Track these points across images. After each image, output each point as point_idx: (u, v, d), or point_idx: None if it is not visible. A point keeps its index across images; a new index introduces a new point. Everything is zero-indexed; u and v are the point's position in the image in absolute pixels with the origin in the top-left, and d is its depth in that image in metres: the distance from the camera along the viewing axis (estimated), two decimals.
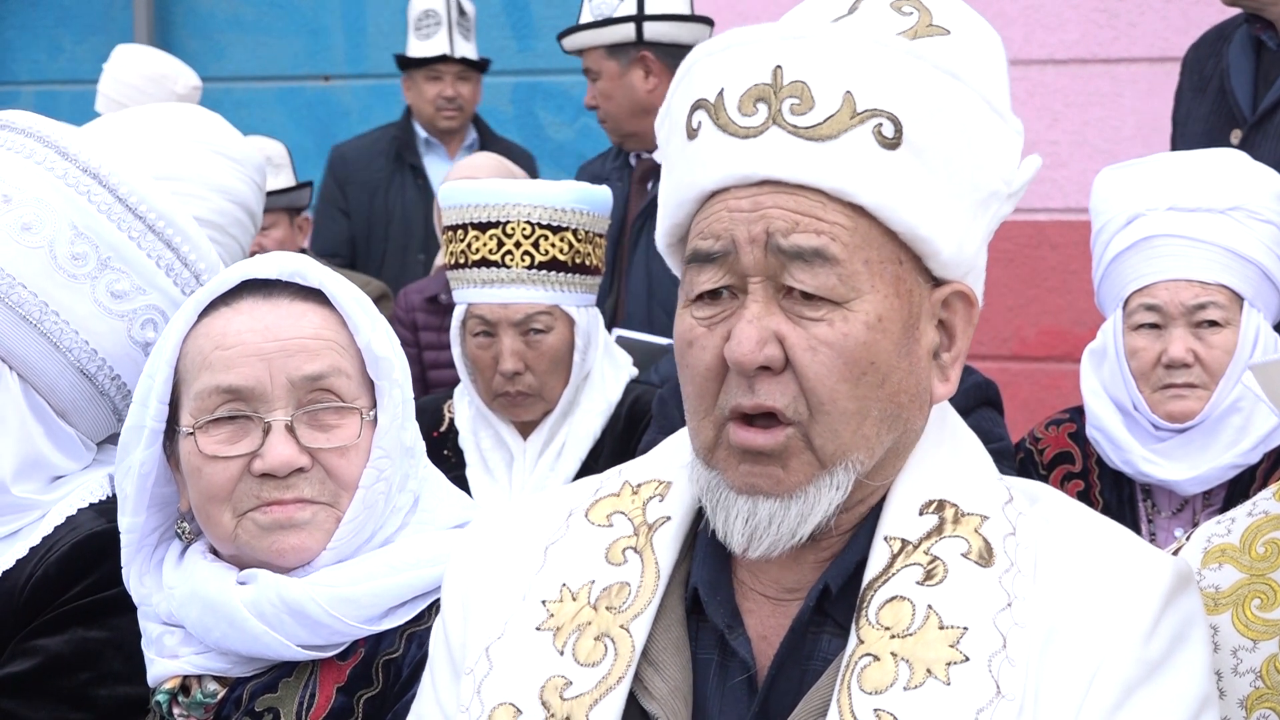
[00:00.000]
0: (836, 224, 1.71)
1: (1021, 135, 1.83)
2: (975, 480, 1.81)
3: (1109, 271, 3.53)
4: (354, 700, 2.13)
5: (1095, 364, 3.59)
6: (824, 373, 1.71)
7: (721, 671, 1.79)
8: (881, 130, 1.71)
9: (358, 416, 2.16)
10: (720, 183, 1.74)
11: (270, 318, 2.16)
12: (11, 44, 8.21)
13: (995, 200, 1.80)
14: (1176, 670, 1.72)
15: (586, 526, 1.88)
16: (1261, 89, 4.39)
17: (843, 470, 1.73)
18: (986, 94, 1.78)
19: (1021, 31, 6.26)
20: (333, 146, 6.85)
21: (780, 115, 1.72)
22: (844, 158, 1.71)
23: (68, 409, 2.39)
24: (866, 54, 1.73)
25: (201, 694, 2.18)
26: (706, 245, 1.74)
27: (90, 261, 2.35)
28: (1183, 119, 4.60)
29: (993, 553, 1.74)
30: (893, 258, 1.74)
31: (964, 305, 1.81)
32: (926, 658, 1.69)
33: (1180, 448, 3.46)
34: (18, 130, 2.41)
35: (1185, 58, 4.68)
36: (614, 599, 1.81)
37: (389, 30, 7.51)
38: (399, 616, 2.16)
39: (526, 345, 3.78)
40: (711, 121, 1.75)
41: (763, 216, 1.72)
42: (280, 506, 2.13)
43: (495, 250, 3.75)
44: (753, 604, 1.81)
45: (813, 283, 1.71)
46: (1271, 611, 1.98)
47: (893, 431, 1.76)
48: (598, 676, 1.77)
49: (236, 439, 2.14)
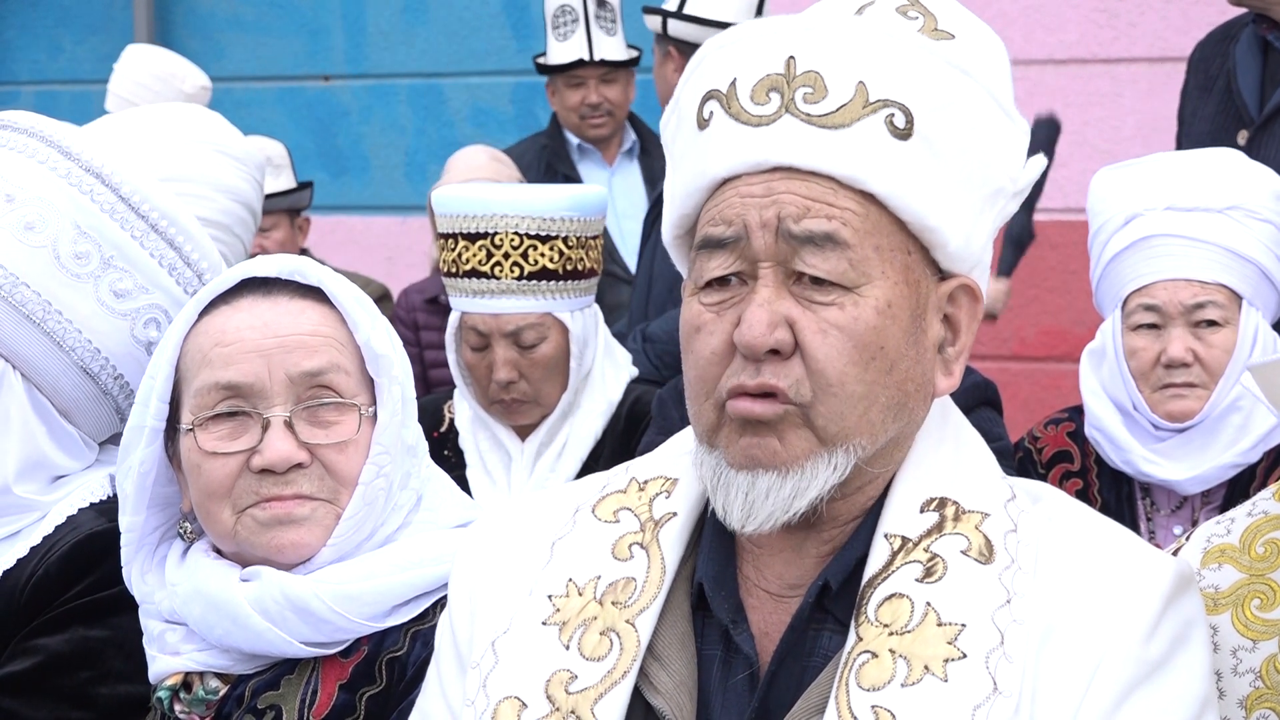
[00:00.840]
0: (848, 209, 1.73)
1: (1027, 135, 1.84)
2: (977, 478, 1.82)
3: (1107, 272, 3.53)
4: (357, 698, 2.14)
5: (1094, 364, 3.59)
6: (834, 355, 1.72)
7: (725, 666, 1.80)
8: (893, 120, 1.73)
9: (356, 412, 2.16)
10: (732, 169, 1.76)
11: (269, 315, 2.16)
12: (11, 44, 8.21)
13: (1001, 197, 1.82)
14: (1177, 671, 1.72)
15: (593, 522, 1.89)
16: (1269, 90, 4.39)
17: (843, 452, 1.74)
18: (995, 92, 1.80)
19: (1021, 31, 6.27)
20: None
21: (793, 104, 1.73)
22: (856, 146, 1.72)
23: (70, 408, 2.40)
24: (879, 45, 1.75)
25: (203, 691, 2.18)
26: (718, 231, 1.76)
27: (93, 261, 2.36)
28: (1189, 118, 4.59)
29: (993, 549, 1.75)
30: (902, 247, 1.76)
31: (969, 300, 1.83)
32: (924, 655, 1.69)
33: (1180, 447, 3.47)
34: (21, 130, 2.42)
35: (1191, 56, 4.67)
36: (620, 594, 1.82)
37: (389, 30, 7.51)
38: (403, 614, 2.16)
39: (520, 354, 3.77)
40: (724, 110, 1.76)
41: (775, 202, 1.73)
42: (279, 502, 2.13)
43: (485, 261, 3.73)
44: (756, 600, 1.82)
45: (824, 267, 1.72)
46: (1271, 611, 1.98)
47: (898, 420, 1.77)
48: (603, 671, 1.78)
49: (236, 435, 2.14)
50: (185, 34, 7.76)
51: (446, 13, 7.42)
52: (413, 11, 7.56)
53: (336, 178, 7.72)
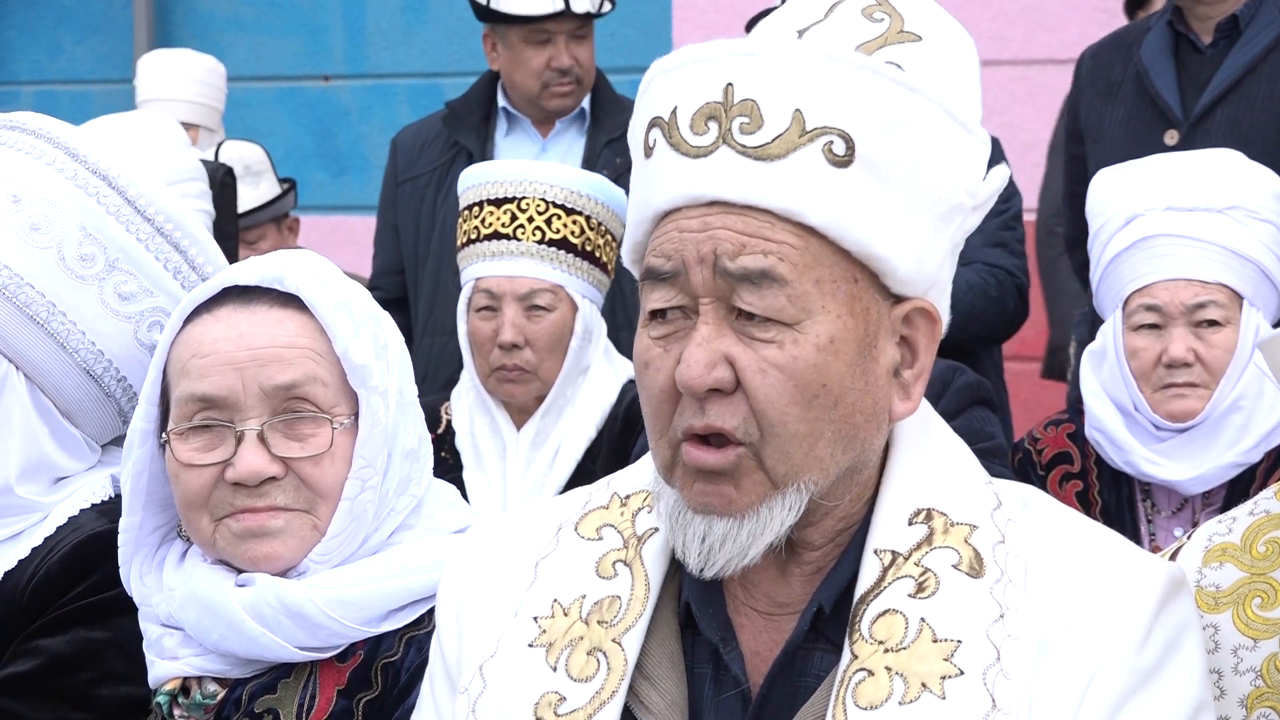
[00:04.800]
0: (785, 244, 1.69)
1: (988, 146, 1.79)
2: (962, 487, 1.80)
3: (1107, 273, 3.54)
4: (354, 703, 2.13)
5: (1095, 365, 3.60)
6: (774, 395, 1.69)
7: (716, 685, 1.78)
8: (832, 148, 1.68)
9: (329, 426, 2.15)
10: (672, 202, 1.73)
11: (245, 326, 2.15)
12: (11, 44, 8.21)
13: (959, 213, 1.77)
14: (1170, 677, 1.71)
15: (576, 540, 1.87)
16: (1188, 89, 4.46)
17: (794, 491, 1.71)
18: (950, 105, 1.75)
19: (1021, 31, 6.27)
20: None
21: (730, 134, 1.69)
22: (793, 177, 1.68)
23: (73, 410, 2.40)
24: (817, 70, 1.70)
25: (201, 695, 2.18)
26: (658, 264, 1.73)
27: (98, 263, 2.36)
28: (1093, 125, 4.63)
29: (983, 563, 1.73)
30: (846, 276, 1.71)
31: (926, 322, 1.78)
32: (921, 672, 1.68)
33: (1182, 447, 3.47)
34: (27, 131, 2.42)
35: (1080, 67, 4.75)
36: (605, 613, 1.80)
37: (389, 30, 7.51)
38: (398, 620, 2.16)
39: (528, 320, 3.80)
40: (665, 140, 1.73)
41: (710, 237, 1.70)
42: (252, 514, 2.13)
43: (508, 224, 3.80)
44: (745, 619, 1.80)
45: (761, 304, 1.68)
46: (1272, 610, 1.98)
47: (849, 452, 1.74)
48: (591, 691, 1.76)
49: (211, 447, 2.14)
50: (185, 34, 7.76)
51: (446, 13, 7.42)
52: (413, 11, 7.57)
53: (336, 178, 7.73)
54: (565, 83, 5.01)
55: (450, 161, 5.00)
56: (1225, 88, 4.42)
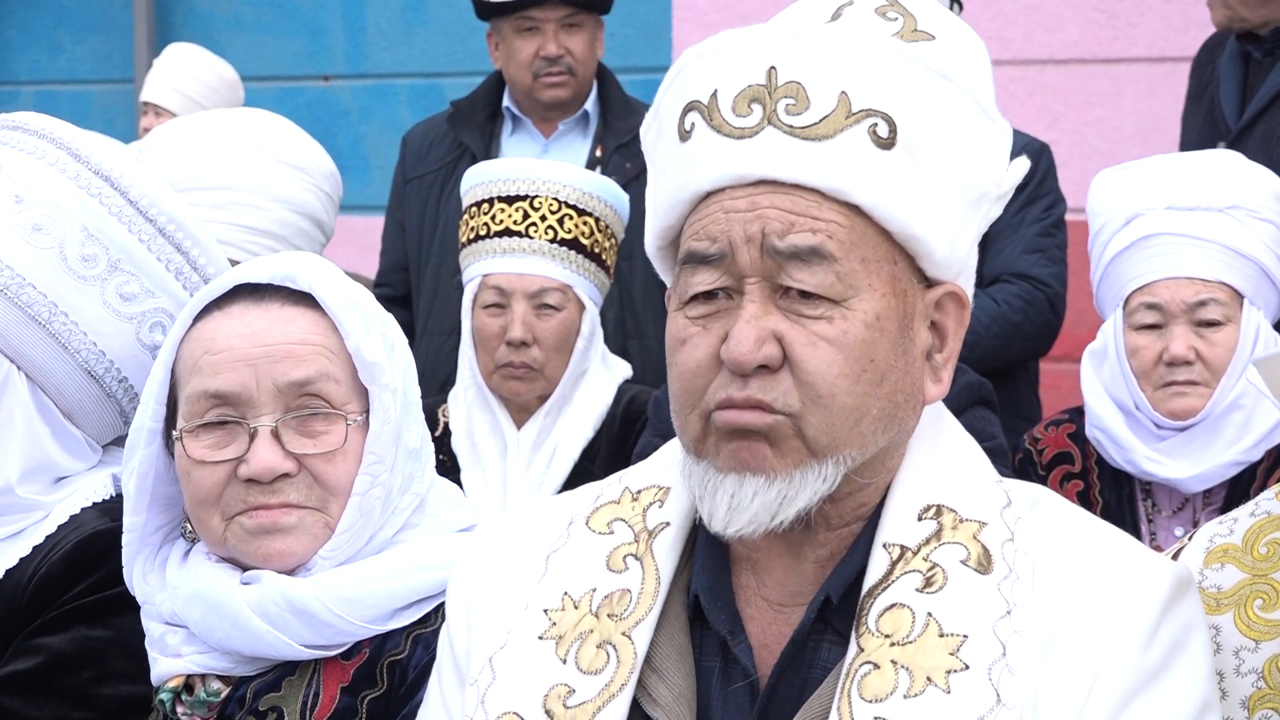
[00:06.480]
0: (833, 222, 1.72)
1: (1009, 137, 1.83)
2: (973, 484, 1.81)
3: (1108, 272, 3.54)
4: (358, 700, 2.14)
5: (1096, 364, 3.60)
6: (824, 368, 1.71)
7: (724, 678, 1.79)
8: (876, 130, 1.72)
9: (344, 422, 2.15)
10: (716, 183, 1.74)
11: (259, 323, 2.16)
12: (11, 44, 8.21)
13: (985, 201, 1.81)
14: (1176, 677, 1.72)
15: (587, 534, 1.88)
16: (1247, 101, 4.43)
17: (833, 464, 1.73)
18: (976, 95, 1.79)
19: (1021, 31, 6.27)
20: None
21: (775, 115, 1.72)
22: (840, 157, 1.71)
23: (74, 410, 2.40)
24: (861, 54, 1.73)
25: (205, 693, 2.19)
26: (703, 246, 1.74)
27: (100, 263, 2.36)
28: (1184, 125, 4.65)
29: (991, 559, 1.74)
30: (888, 257, 1.75)
31: (956, 306, 1.82)
32: (926, 665, 1.69)
33: (1183, 446, 3.47)
34: (30, 132, 2.42)
35: (1193, 62, 4.71)
36: (615, 606, 1.81)
37: (389, 30, 7.51)
38: (404, 618, 2.17)
39: (537, 318, 3.80)
40: (705, 123, 1.75)
41: (759, 216, 1.72)
42: (266, 511, 2.13)
43: (520, 221, 3.80)
44: (754, 610, 1.81)
45: (811, 281, 1.71)
46: (1274, 612, 1.98)
47: (888, 431, 1.76)
48: (600, 684, 1.77)
49: (224, 444, 2.15)
50: (185, 34, 7.75)
51: (446, 13, 7.41)
52: (413, 11, 7.56)
53: None
54: (555, 72, 4.90)
55: (455, 161, 4.98)
56: (1267, 100, 4.36)
